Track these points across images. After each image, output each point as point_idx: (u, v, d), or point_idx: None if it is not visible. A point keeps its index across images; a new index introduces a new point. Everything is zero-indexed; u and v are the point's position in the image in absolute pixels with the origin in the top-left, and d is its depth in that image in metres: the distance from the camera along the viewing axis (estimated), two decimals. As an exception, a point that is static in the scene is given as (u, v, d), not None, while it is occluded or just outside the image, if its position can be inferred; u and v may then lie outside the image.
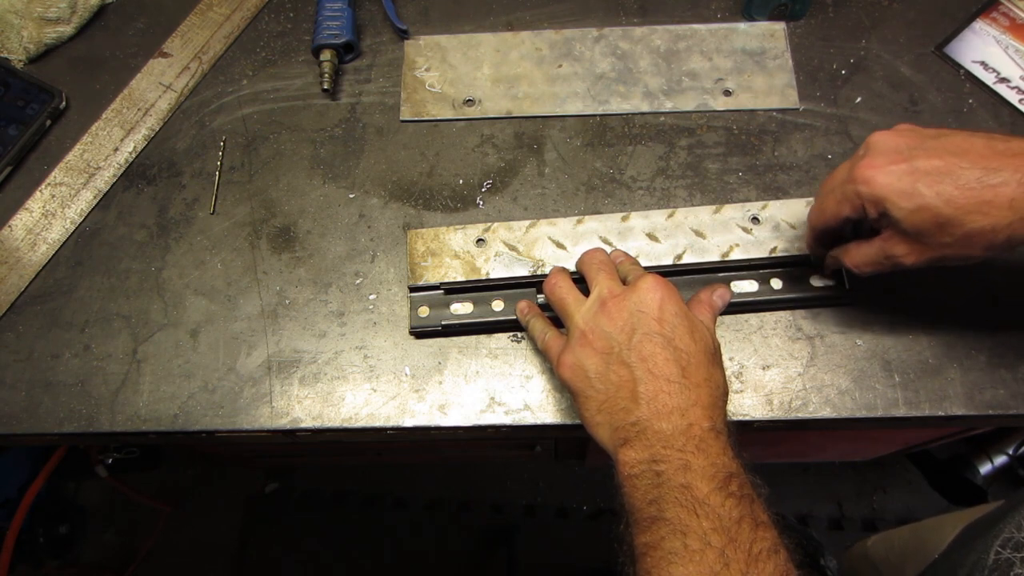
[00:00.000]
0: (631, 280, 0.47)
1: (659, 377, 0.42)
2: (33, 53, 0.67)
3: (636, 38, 0.66)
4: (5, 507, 1.18)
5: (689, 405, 0.42)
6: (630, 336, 0.44)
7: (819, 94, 0.63)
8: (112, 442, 0.59)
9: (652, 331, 0.43)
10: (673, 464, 0.40)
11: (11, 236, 0.61)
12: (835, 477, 1.39)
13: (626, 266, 0.51)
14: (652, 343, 0.43)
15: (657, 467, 0.40)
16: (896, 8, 0.66)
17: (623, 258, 0.53)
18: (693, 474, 0.39)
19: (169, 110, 0.65)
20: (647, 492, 0.40)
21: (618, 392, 0.43)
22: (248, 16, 0.69)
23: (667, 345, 0.43)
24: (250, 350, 0.56)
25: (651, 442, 0.41)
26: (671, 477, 0.40)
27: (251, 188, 0.62)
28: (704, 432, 0.41)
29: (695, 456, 0.40)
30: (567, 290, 0.49)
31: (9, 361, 0.57)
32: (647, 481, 0.40)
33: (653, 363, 0.43)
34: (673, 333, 0.44)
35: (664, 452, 0.40)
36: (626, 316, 0.44)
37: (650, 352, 0.43)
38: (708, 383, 0.43)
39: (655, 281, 0.45)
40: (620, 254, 0.53)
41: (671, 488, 0.39)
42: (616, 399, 0.43)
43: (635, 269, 0.50)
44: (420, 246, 0.58)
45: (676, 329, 0.44)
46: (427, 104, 0.64)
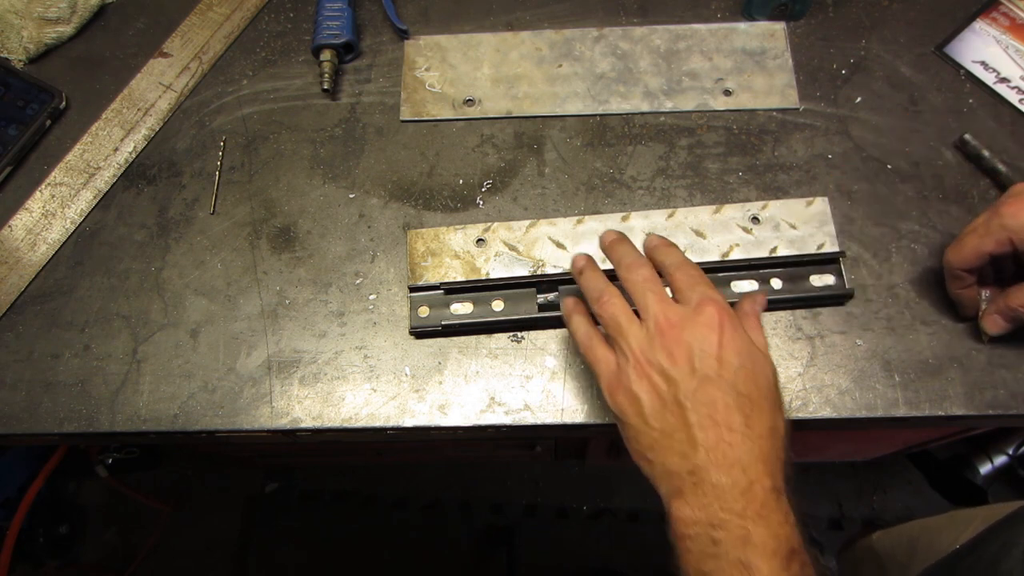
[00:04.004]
0: (688, 302, 0.42)
1: (720, 425, 0.39)
2: (33, 53, 0.67)
3: (636, 38, 0.66)
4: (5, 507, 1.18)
5: (752, 460, 0.38)
6: (690, 376, 0.40)
7: (819, 94, 0.63)
8: (112, 442, 0.59)
9: (714, 374, 0.40)
10: (732, 533, 0.37)
11: (11, 236, 0.61)
12: (835, 477, 1.39)
13: (673, 271, 0.45)
14: (714, 387, 0.40)
15: (714, 533, 0.37)
16: (896, 8, 0.66)
17: (662, 248, 0.47)
18: (753, 549, 0.36)
19: (169, 110, 0.65)
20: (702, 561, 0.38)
21: (674, 434, 0.40)
22: (248, 16, 0.69)
23: (730, 390, 0.40)
24: (250, 350, 0.56)
25: (708, 499, 0.38)
26: (729, 550, 0.37)
27: (251, 188, 0.62)
28: (766, 493, 0.38)
29: (755, 525, 0.37)
30: (620, 308, 0.44)
31: (9, 361, 0.57)
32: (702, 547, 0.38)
33: (714, 409, 0.39)
34: (736, 377, 0.40)
35: (722, 516, 0.37)
36: (685, 353, 0.41)
37: (711, 397, 0.40)
38: (772, 434, 0.40)
39: (716, 312, 0.41)
40: (657, 242, 0.47)
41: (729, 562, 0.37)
42: (671, 441, 0.40)
43: (685, 279, 0.44)
44: (420, 246, 0.58)
45: (739, 372, 0.40)
46: (427, 104, 0.64)
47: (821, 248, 0.56)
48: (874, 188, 0.59)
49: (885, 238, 0.57)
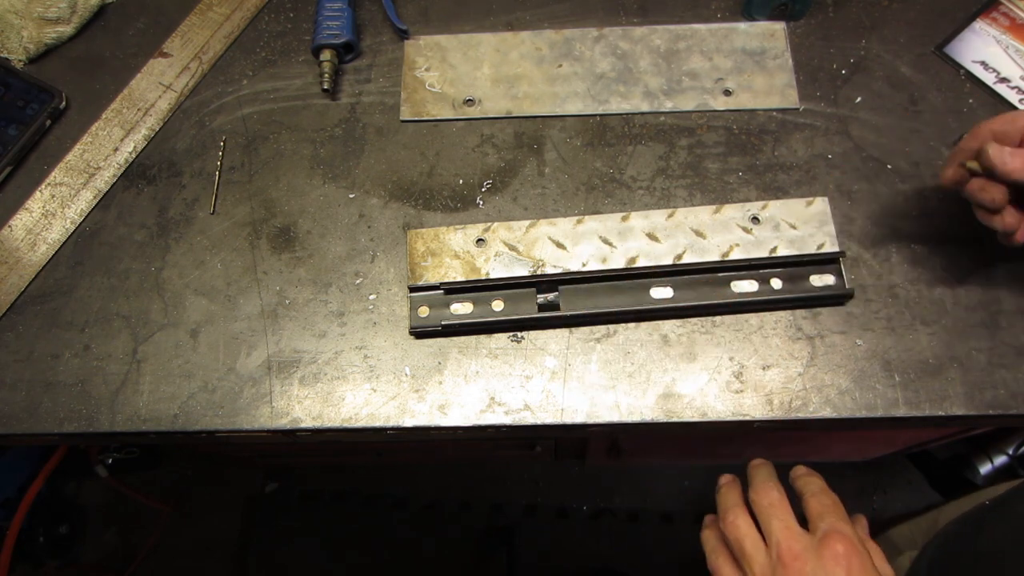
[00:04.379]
0: (815, 531, 0.43)
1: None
2: (33, 53, 0.67)
3: (636, 38, 0.66)
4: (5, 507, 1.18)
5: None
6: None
7: (819, 94, 0.63)
8: (112, 442, 0.59)
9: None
10: None
11: (11, 236, 0.61)
12: (835, 477, 1.38)
13: (808, 497, 0.46)
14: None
15: None
16: (896, 8, 0.66)
17: (804, 477, 0.48)
18: None
19: (169, 110, 0.65)
20: None
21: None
22: (248, 16, 0.69)
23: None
24: (250, 350, 0.56)
25: None
26: None
27: (251, 188, 0.62)
28: None
29: None
30: (745, 531, 0.44)
31: (9, 361, 0.57)
32: None
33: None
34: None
35: None
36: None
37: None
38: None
39: (843, 548, 0.41)
40: (803, 472, 0.49)
41: None
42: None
43: (818, 507, 0.44)
44: (420, 246, 0.58)
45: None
46: (427, 104, 0.64)
47: (821, 248, 0.56)
48: (874, 188, 0.59)
49: (885, 238, 0.57)
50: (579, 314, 0.54)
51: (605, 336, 0.55)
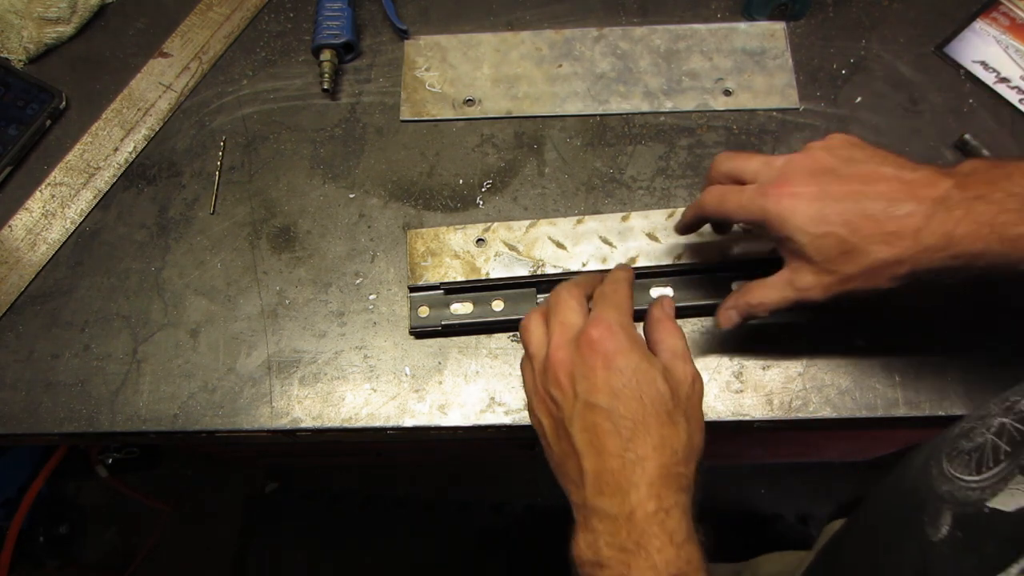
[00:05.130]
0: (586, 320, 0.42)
1: (601, 452, 0.38)
2: (33, 53, 0.67)
3: (636, 38, 0.66)
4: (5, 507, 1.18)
5: (631, 485, 0.38)
6: (573, 404, 0.40)
7: (819, 94, 0.63)
8: (112, 442, 0.59)
9: (594, 400, 0.39)
10: (612, 574, 0.37)
11: (11, 236, 0.61)
12: (835, 477, 1.39)
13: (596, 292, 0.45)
14: (594, 413, 0.39)
15: (600, 573, 0.37)
16: (896, 8, 0.66)
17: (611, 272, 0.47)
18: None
19: (169, 110, 0.65)
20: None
21: (568, 460, 0.41)
22: (248, 16, 0.69)
23: (609, 415, 0.39)
24: (250, 350, 0.56)
25: (596, 534, 0.38)
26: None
27: (251, 188, 0.62)
28: (647, 518, 0.37)
29: (635, 558, 0.36)
30: (531, 328, 0.44)
31: (9, 361, 0.57)
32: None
33: (595, 435, 0.39)
34: (616, 400, 0.39)
35: (606, 554, 0.37)
36: (569, 379, 0.40)
37: (591, 423, 0.39)
38: (659, 450, 0.38)
39: (598, 334, 0.40)
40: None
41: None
42: (566, 469, 0.41)
43: (597, 298, 0.44)
44: (420, 246, 0.58)
45: (621, 393, 0.39)
46: (427, 104, 0.64)
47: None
48: (874, 188, 0.59)
49: (885, 238, 0.57)
50: None
51: (605, 336, 0.55)
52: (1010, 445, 0.32)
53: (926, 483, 0.36)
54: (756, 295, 0.44)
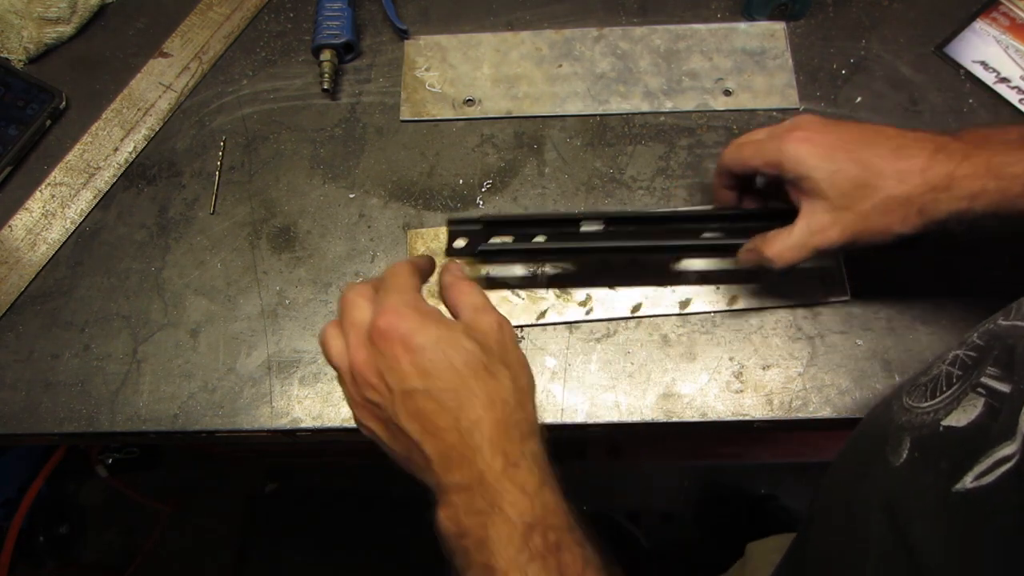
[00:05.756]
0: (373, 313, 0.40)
1: (436, 433, 0.38)
2: (33, 53, 0.67)
3: (636, 38, 0.66)
4: (5, 507, 1.18)
5: (474, 451, 0.37)
6: (392, 399, 0.39)
7: (819, 94, 0.63)
8: (112, 442, 0.59)
9: (409, 387, 0.38)
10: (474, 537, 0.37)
11: (11, 236, 0.61)
12: (835, 477, 1.38)
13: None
14: (414, 400, 0.38)
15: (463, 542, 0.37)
16: (896, 8, 0.66)
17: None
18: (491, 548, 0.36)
19: (169, 110, 0.65)
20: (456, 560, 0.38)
21: (411, 455, 0.40)
22: (248, 16, 0.69)
23: (429, 395, 0.38)
24: (250, 350, 0.56)
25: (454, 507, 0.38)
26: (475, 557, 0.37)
27: (251, 188, 0.62)
28: (497, 477, 0.37)
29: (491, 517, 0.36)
30: (329, 341, 0.42)
31: (9, 361, 0.57)
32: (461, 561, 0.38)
33: (424, 420, 0.38)
34: (430, 378, 0.38)
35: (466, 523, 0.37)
36: (379, 379, 0.39)
37: (416, 409, 0.38)
38: (490, 409, 0.38)
39: (386, 323, 0.39)
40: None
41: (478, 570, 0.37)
42: (412, 461, 0.40)
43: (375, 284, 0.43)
44: (420, 246, 0.58)
45: (432, 369, 0.38)
46: (427, 104, 0.64)
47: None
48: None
49: (885, 238, 0.57)
50: (626, 245, 0.52)
51: (605, 336, 0.55)
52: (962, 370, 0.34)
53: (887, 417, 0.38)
54: (773, 248, 0.46)
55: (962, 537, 0.30)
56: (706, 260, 0.56)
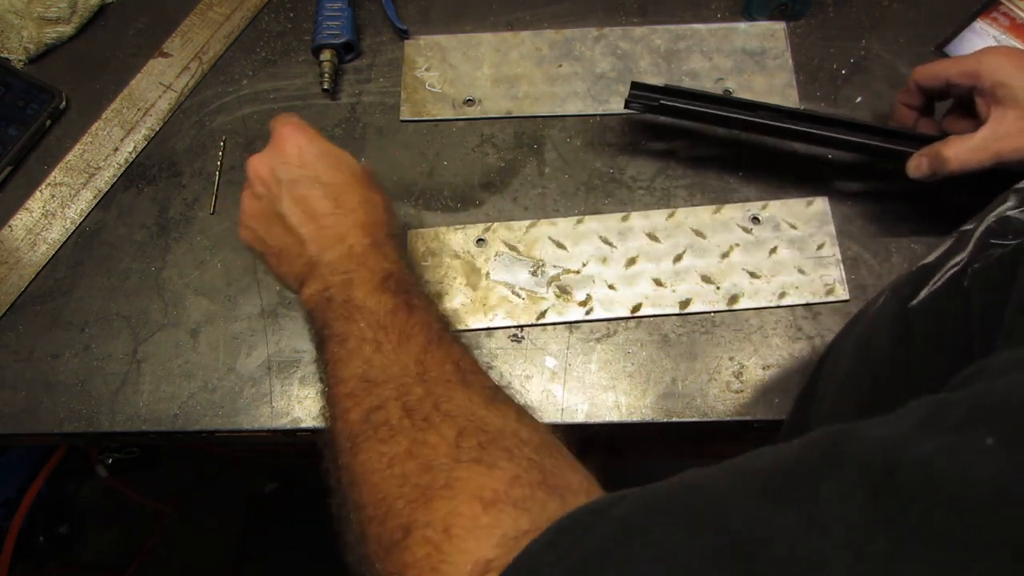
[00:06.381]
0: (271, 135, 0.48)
1: (314, 216, 0.44)
2: (33, 53, 0.67)
3: (636, 38, 0.66)
4: (5, 507, 1.18)
5: (347, 229, 0.44)
6: (278, 187, 0.45)
7: (819, 94, 0.63)
8: (112, 442, 0.59)
9: (296, 176, 0.45)
10: (338, 285, 0.42)
11: (11, 236, 0.61)
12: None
13: None
14: (300, 186, 0.45)
15: (327, 293, 0.42)
16: (896, 8, 0.66)
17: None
18: (354, 287, 0.42)
19: (169, 110, 0.65)
20: (321, 319, 0.42)
21: (288, 245, 0.45)
22: (248, 16, 0.69)
23: (314, 184, 0.45)
24: (250, 350, 0.56)
25: (323, 274, 0.43)
26: (336, 296, 0.42)
27: (251, 188, 0.62)
28: (364, 248, 0.44)
29: (357, 271, 0.43)
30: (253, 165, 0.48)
31: (9, 361, 0.57)
32: (320, 310, 0.43)
33: (305, 205, 0.44)
34: (316, 172, 0.45)
35: (332, 279, 0.43)
36: (270, 172, 0.46)
37: (301, 195, 0.45)
38: (364, 205, 0.45)
39: (283, 130, 0.47)
40: None
41: (336, 306, 0.42)
42: (288, 249, 0.45)
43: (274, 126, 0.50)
44: (420, 246, 0.58)
45: (318, 166, 0.45)
46: (427, 104, 0.64)
47: (821, 248, 0.56)
48: (874, 188, 0.59)
49: (885, 238, 0.57)
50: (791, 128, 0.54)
51: (605, 336, 0.55)
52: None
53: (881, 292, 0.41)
54: (953, 147, 0.48)
55: (907, 340, 0.34)
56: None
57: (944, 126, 0.54)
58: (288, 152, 0.46)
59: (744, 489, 0.21)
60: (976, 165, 0.47)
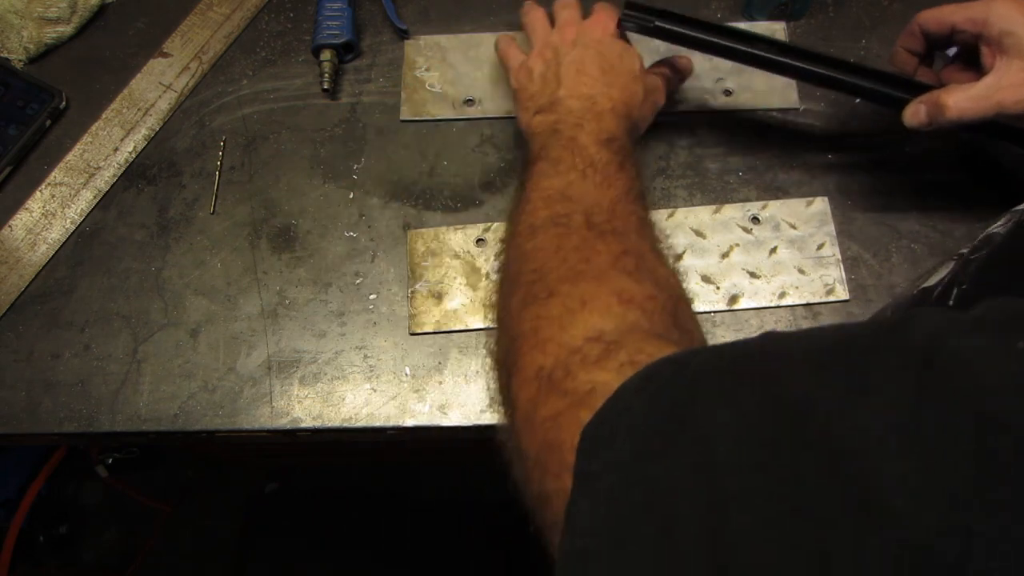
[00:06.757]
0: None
1: (582, 72, 0.51)
2: (33, 53, 0.67)
3: (636, 39, 0.66)
4: (5, 507, 1.18)
5: (598, 92, 0.50)
6: (572, 46, 0.52)
7: (819, 94, 0.63)
8: (112, 442, 0.59)
9: (589, 43, 0.52)
10: (569, 124, 0.48)
11: (11, 236, 0.61)
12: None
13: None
14: (585, 49, 0.52)
15: (556, 126, 0.48)
16: (896, 8, 0.66)
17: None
18: (581, 131, 0.47)
19: (169, 110, 0.65)
20: (540, 142, 0.48)
21: (548, 83, 0.52)
22: (248, 16, 0.69)
23: (597, 54, 0.52)
24: (250, 350, 0.56)
25: (559, 111, 0.49)
26: (563, 131, 0.48)
27: (251, 188, 0.62)
28: (604, 110, 0.49)
29: (589, 122, 0.48)
30: (540, 18, 0.57)
31: (9, 361, 0.57)
32: (544, 135, 0.49)
33: (581, 63, 0.51)
34: (605, 49, 0.52)
35: (566, 118, 0.49)
36: (574, 33, 0.53)
37: (581, 55, 0.52)
38: (624, 87, 0.51)
39: (604, 14, 0.54)
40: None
41: (560, 138, 0.47)
42: (546, 88, 0.52)
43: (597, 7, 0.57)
44: (420, 246, 0.58)
45: (609, 47, 0.52)
46: (427, 104, 0.64)
47: (821, 248, 0.56)
48: (874, 188, 0.59)
49: (885, 238, 0.57)
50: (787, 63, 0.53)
51: (605, 336, 0.55)
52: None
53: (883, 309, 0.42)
54: (953, 95, 0.46)
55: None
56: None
57: (943, 77, 0.53)
58: (594, 28, 0.53)
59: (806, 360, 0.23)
60: (976, 115, 0.46)
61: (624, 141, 0.48)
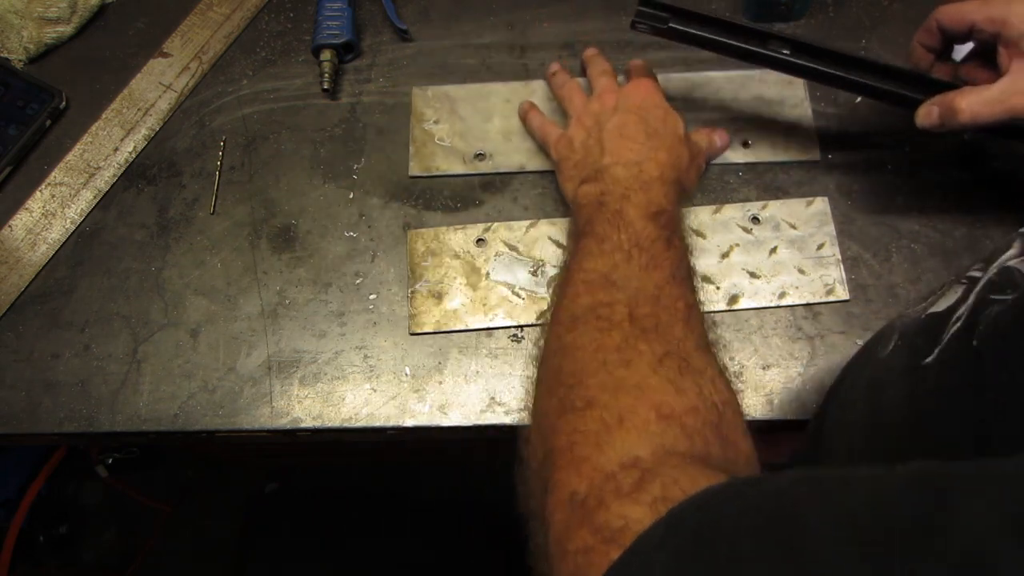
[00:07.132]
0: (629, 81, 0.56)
1: (626, 137, 0.51)
2: (33, 53, 0.67)
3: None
4: (5, 507, 1.18)
5: (645, 159, 0.49)
6: (613, 112, 0.53)
7: (819, 93, 0.63)
8: (112, 442, 0.59)
9: (630, 107, 0.52)
10: (615, 196, 0.47)
11: (11, 236, 0.61)
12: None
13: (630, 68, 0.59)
14: (627, 114, 0.52)
15: (602, 198, 0.48)
16: (896, 8, 0.66)
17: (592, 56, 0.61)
18: (628, 203, 0.46)
19: (169, 110, 0.65)
20: (586, 216, 0.48)
21: (591, 151, 0.52)
22: (248, 16, 0.69)
23: (640, 120, 0.52)
24: (250, 350, 0.56)
25: (605, 181, 0.49)
26: (609, 204, 0.47)
27: (251, 188, 0.62)
28: (652, 178, 0.48)
29: (636, 193, 0.47)
30: (575, 89, 0.58)
31: (9, 361, 0.57)
32: (590, 208, 0.48)
33: (624, 128, 0.51)
34: (648, 114, 0.52)
35: (612, 188, 0.48)
36: (614, 100, 0.53)
37: (623, 120, 0.52)
38: (670, 151, 0.51)
39: (646, 81, 0.54)
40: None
41: (606, 212, 0.46)
42: (589, 157, 0.52)
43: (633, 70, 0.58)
44: (420, 246, 0.58)
45: (652, 112, 0.52)
46: (436, 158, 0.62)
47: (821, 248, 0.56)
48: (874, 188, 0.59)
49: (885, 238, 0.57)
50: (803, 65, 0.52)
51: (605, 336, 0.55)
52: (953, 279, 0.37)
53: (889, 328, 0.41)
54: (967, 98, 0.45)
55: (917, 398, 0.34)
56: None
57: (961, 74, 0.52)
58: (635, 94, 0.54)
59: (836, 535, 0.21)
60: (989, 119, 0.45)
61: (673, 213, 0.47)
